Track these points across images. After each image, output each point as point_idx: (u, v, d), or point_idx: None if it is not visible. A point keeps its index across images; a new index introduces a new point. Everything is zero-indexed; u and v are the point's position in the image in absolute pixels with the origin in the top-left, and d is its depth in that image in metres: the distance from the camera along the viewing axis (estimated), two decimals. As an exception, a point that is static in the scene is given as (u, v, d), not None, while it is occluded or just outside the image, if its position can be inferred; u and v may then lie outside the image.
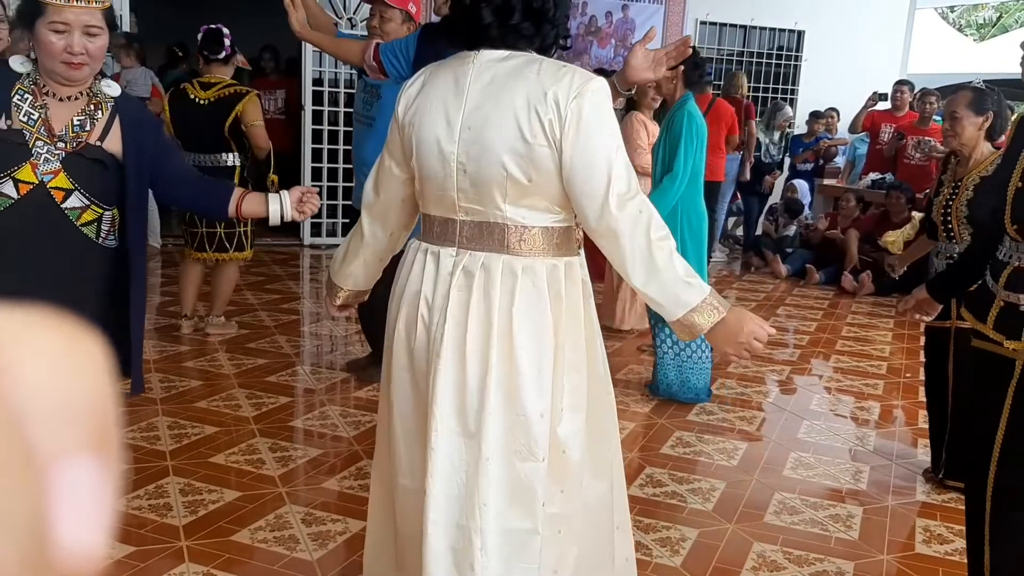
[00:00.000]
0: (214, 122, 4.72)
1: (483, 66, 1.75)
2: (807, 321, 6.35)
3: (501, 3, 1.71)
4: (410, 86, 1.85)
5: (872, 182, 8.06)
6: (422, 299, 1.83)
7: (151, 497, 3.01)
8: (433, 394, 1.77)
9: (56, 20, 2.04)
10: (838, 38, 10.02)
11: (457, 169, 1.74)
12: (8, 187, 2.11)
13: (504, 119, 1.69)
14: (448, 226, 1.81)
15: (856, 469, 3.65)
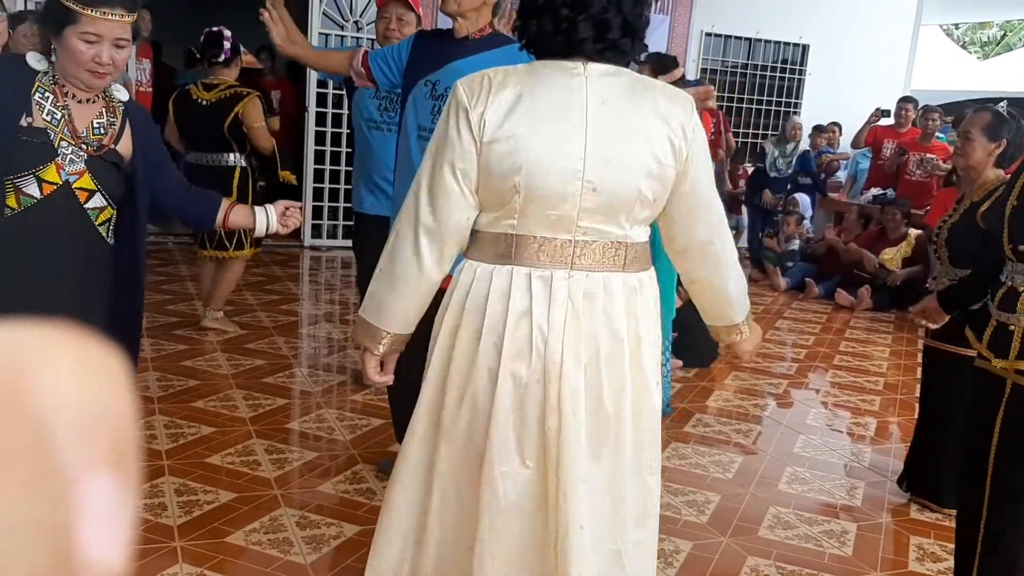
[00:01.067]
0: (215, 122, 4.83)
1: (594, 81, 1.69)
2: (805, 335, 6.36)
3: (600, 18, 1.66)
4: (494, 97, 1.67)
5: (873, 197, 8.08)
6: (535, 328, 1.71)
7: (146, 496, 3.01)
8: (563, 423, 1.71)
9: (89, 31, 2.07)
10: (842, 53, 10.04)
11: (584, 188, 1.66)
12: (32, 187, 2.12)
13: (637, 140, 1.69)
14: (558, 247, 1.71)
15: (851, 485, 3.65)
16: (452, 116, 1.70)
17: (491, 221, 1.74)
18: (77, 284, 2.23)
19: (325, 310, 6.36)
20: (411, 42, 2.98)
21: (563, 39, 1.67)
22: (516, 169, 1.65)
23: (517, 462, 1.75)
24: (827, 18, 9.94)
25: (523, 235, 1.72)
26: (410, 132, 2.85)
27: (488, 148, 1.66)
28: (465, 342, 1.76)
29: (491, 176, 1.68)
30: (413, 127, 2.84)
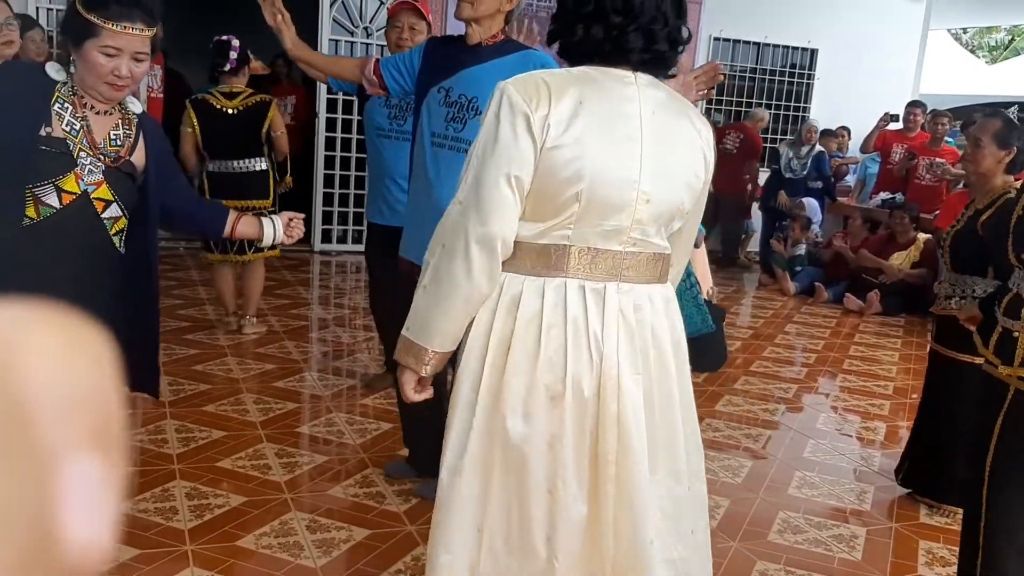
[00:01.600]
0: (248, 129, 4.96)
1: (645, 90, 1.68)
2: (815, 340, 6.35)
3: (648, 28, 1.65)
4: (556, 101, 1.61)
5: (883, 202, 8.07)
6: (591, 341, 1.67)
7: (157, 500, 3.03)
8: (626, 439, 1.69)
9: (109, 44, 2.09)
10: (851, 57, 10.04)
11: (639, 198, 1.65)
12: (52, 197, 2.14)
13: (682, 152, 1.71)
14: (610, 258, 1.69)
15: (860, 489, 3.65)
16: (504, 119, 1.61)
17: (541, 231, 1.67)
18: (92, 293, 2.25)
19: (335, 314, 6.38)
20: (422, 49, 2.98)
21: (612, 47, 1.65)
22: (580, 177, 1.61)
23: (576, 482, 1.71)
24: (835, 22, 9.94)
25: (577, 246, 1.67)
26: (424, 139, 2.86)
27: (549, 154, 1.60)
28: (520, 360, 1.68)
29: (550, 184, 1.62)
30: (427, 134, 2.85)
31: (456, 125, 2.82)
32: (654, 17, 1.64)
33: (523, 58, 2.86)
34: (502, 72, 2.85)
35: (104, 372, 0.28)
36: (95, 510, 0.26)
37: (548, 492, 1.71)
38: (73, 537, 0.26)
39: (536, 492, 1.71)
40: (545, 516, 1.72)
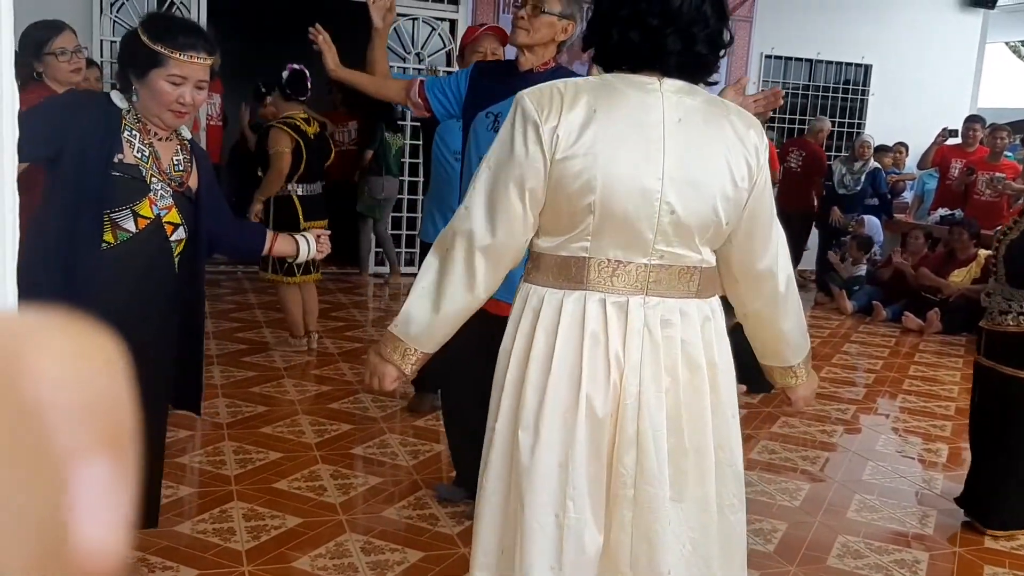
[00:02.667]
0: (322, 155, 5.24)
1: (670, 97, 1.62)
2: (873, 359, 6.23)
3: (688, 31, 1.59)
4: (567, 111, 1.57)
5: (941, 218, 7.91)
6: (612, 359, 1.62)
7: (215, 521, 3.07)
8: (643, 462, 1.64)
9: (176, 73, 2.17)
10: (906, 72, 9.89)
11: (661, 209, 1.59)
12: (128, 222, 2.22)
13: (716, 160, 1.63)
14: (634, 271, 1.63)
15: (923, 513, 3.56)
16: (517, 130, 1.59)
17: (560, 243, 1.64)
18: (156, 313, 2.34)
19: (388, 337, 6.42)
20: (469, 73, 3.01)
21: (649, 51, 1.60)
22: (591, 188, 1.57)
23: (589, 508, 1.66)
24: (890, 38, 9.81)
25: (597, 258, 1.63)
26: (473, 164, 2.88)
27: (560, 165, 1.57)
28: (535, 375, 1.65)
29: (562, 195, 1.59)
30: (475, 159, 2.87)
31: None
32: (694, 19, 1.59)
33: None
34: None
35: (116, 377, 0.28)
36: (107, 514, 0.26)
37: (554, 516, 1.65)
38: (86, 541, 0.26)
39: (540, 515, 1.65)
40: (551, 544, 1.64)
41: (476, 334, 3.02)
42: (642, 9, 1.58)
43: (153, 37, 2.16)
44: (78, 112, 2.18)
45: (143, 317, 2.31)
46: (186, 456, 3.65)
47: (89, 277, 2.19)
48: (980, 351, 3.38)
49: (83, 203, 2.16)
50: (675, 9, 1.57)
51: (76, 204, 2.16)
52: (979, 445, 3.41)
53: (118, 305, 2.24)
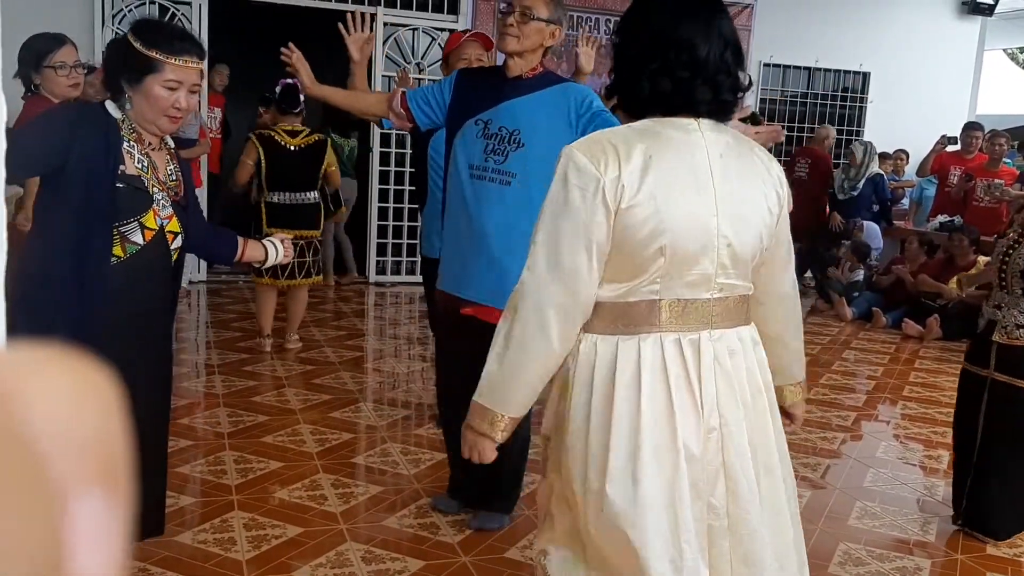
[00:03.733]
0: (309, 165, 5.40)
1: (709, 136, 1.68)
2: (873, 366, 6.24)
3: (714, 79, 1.66)
4: (625, 161, 1.60)
5: (940, 224, 7.92)
6: (693, 395, 1.65)
7: (216, 531, 3.07)
8: (736, 488, 1.68)
9: (172, 78, 2.19)
10: (904, 80, 9.92)
11: (719, 244, 1.65)
12: (136, 234, 2.23)
13: (754, 192, 1.71)
14: (700, 307, 1.68)
15: (924, 520, 3.56)
16: (573, 184, 1.60)
17: (629, 289, 1.66)
18: (159, 322, 2.36)
19: (390, 345, 6.44)
20: (452, 81, 2.99)
21: (680, 100, 1.66)
22: (661, 232, 1.60)
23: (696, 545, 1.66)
24: (888, 45, 9.84)
25: (668, 299, 1.66)
26: (461, 171, 2.88)
27: (626, 214, 1.59)
28: (623, 423, 1.64)
29: (631, 243, 1.61)
30: (464, 166, 2.87)
31: (497, 157, 2.83)
32: (719, 68, 1.65)
33: (563, 90, 2.88)
34: (544, 104, 2.88)
35: (111, 412, 0.28)
36: (103, 548, 0.27)
37: (670, 562, 1.63)
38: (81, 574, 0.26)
39: (657, 564, 1.62)
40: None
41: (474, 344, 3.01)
42: (671, 60, 1.63)
43: (147, 43, 2.16)
44: (79, 124, 2.17)
45: (148, 327, 2.33)
46: (187, 466, 3.65)
47: (99, 292, 2.19)
48: (990, 364, 3.31)
49: (92, 218, 2.16)
50: (702, 60, 1.63)
51: (84, 219, 2.15)
52: (988, 458, 3.34)
53: (126, 318, 2.26)
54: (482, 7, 8.32)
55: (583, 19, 8.72)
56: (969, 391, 3.43)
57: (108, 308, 2.21)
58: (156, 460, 2.48)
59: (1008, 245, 3.31)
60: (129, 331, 2.27)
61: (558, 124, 2.87)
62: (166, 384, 2.44)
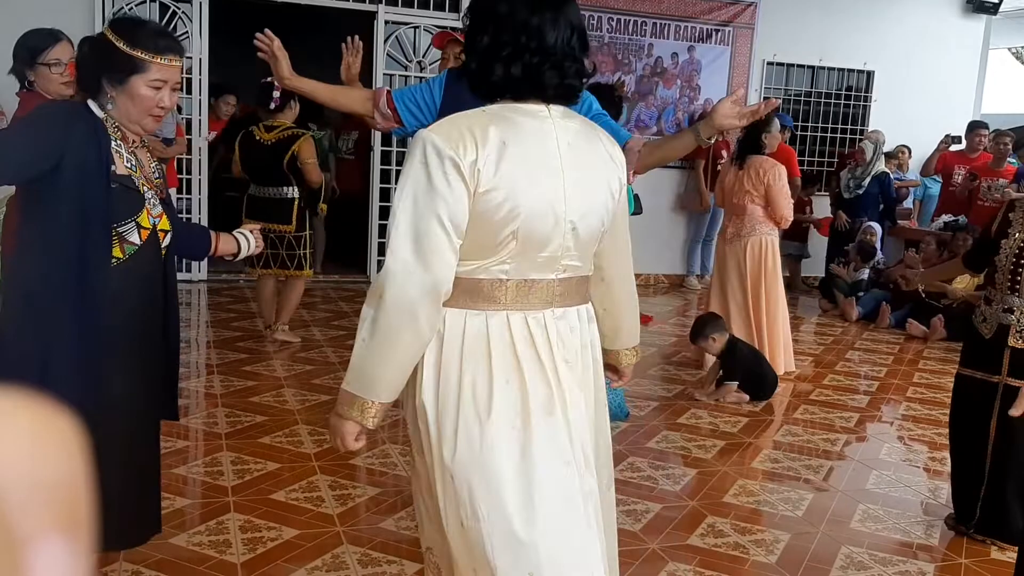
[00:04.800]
0: (276, 159, 5.51)
1: (559, 123, 1.76)
2: (877, 367, 6.20)
3: (561, 65, 1.73)
4: (482, 145, 1.65)
5: (945, 224, 7.88)
6: (546, 368, 1.73)
7: (212, 533, 3.04)
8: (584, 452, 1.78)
9: (157, 78, 2.16)
10: (909, 79, 9.87)
11: (566, 228, 1.73)
12: (133, 235, 2.20)
13: (598, 179, 1.80)
14: (545, 287, 1.76)
15: (928, 523, 3.52)
16: (434, 166, 1.64)
17: (478, 267, 1.72)
18: (154, 323, 2.34)
19: (389, 345, 6.40)
20: (442, 81, 2.93)
21: (529, 85, 1.73)
22: (515, 217, 1.67)
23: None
24: (892, 44, 9.78)
25: (516, 279, 1.73)
26: None
27: (483, 197, 1.65)
28: (480, 396, 1.70)
29: (487, 225, 1.67)
30: None
31: None
32: (566, 54, 1.74)
33: None
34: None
35: (73, 458, 0.28)
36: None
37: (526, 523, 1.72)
38: None
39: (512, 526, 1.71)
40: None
41: None
42: (521, 46, 1.71)
43: (131, 43, 2.13)
44: (72, 124, 2.13)
45: (145, 329, 2.31)
46: (183, 467, 3.63)
47: (102, 295, 2.16)
48: (1002, 370, 3.23)
49: (90, 220, 2.13)
50: (550, 46, 1.71)
51: (82, 223, 2.11)
52: (1004, 465, 3.28)
53: (126, 320, 2.23)
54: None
55: (584, 17, 8.64)
56: (971, 397, 3.35)
57: (111, 310, 2.19)
58: (151, 459, 2.46)
59: (1019, 246, 3.23)
60: (130, 331, 2.25)
61: None
62: (158, 383, 2.40)
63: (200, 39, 7.58)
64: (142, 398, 2.36)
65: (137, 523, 2.40)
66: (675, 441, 4.33)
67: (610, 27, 8.79)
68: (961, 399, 3.44)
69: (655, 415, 4.75)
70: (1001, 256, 3.25)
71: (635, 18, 8.87)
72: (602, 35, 8.78)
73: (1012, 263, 3.21)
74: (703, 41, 9.14)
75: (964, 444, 3.41)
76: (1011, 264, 3.22)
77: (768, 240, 5.58)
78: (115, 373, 2.22)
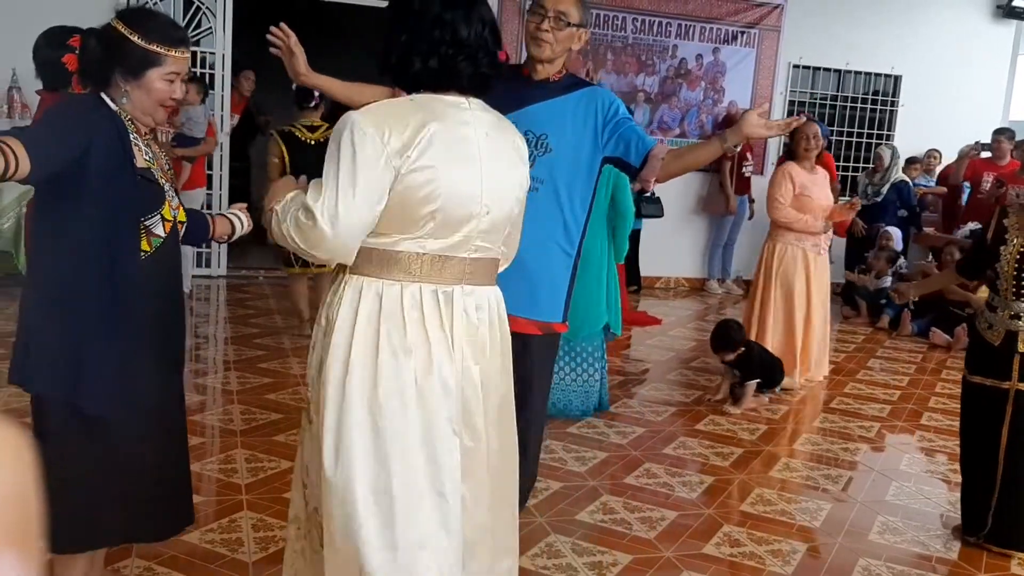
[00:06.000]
0: (322, 160, 5.33)
1: (478, 115, 1.93)
2: (898, 375, 6.12)
3: (475, 56, 1.89)
4: (409, 131, 1.80)
5: (970, 232, 7.78)
6: (451, 340, 1.89)
7: (224, 531, 3.04)
8: (471, 417, 1.93)
9: (172, 70, 2.16)
10: (936, 83, 9.76)
11: (481, 212, 1.90)
12: (159, 227, 2.21)
13: (511, 168, 1.97)
14: (456, 264, 1.91)
15: (947, 536, 3.47)
16: (361, 147, 1.78)
17: (397, 241, 1.86)
18: (180, 310, 2.35)
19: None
20: None
21: (447, 76, 1.89)
22: (434, 198, 1.82)
23: None
24: (920, 48, 9.68)
25: (431, 255, 1.88)
26: None
27: (406, 178, 1.79)
28: (387, 362, 1.84)
29: (408, 203, 1.82)
30: None
31: None
32: (479, 47, 1.90)
33: (590, 95, 2.86)
34: (570, 108, 2.83)
35: (26, 473, 0.28)
36: None
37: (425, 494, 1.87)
38: None
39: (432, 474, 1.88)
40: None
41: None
42: (436, 40, 1.87)
43: (146, 37, 2.11)
44: (94, 117, 2.12)
45: (172, 319, 2.32)
46: (198, 463, 3.62)
47: (131, 290, 2.16)
48: (1011, 376, 3.19)
49: (117, 215, 2.12)
50: (464, 39, 1.87)
51: (111, 216, 2.11)
52: (1016, 471, 3.23)
53: (155, 312, 2.24)
54: (507, 4, 8.26)
55: (609, 17, 8.63)
56: (981, 405, 3.32)
57: (142, 304, 2.19)
58: (184, 450, 2.47)
59: (1020, 252, 3.19)
60: (159, 323, 2.26)
61: (585, 129, 2.83)
62: (180, 373, 2.43)
63: (224, 34, 7.60)
64: (172, 388, 2.37)
65: (174, 514, 2.41)
66: (692, 448, 4.29)
67: (634, 28, 8.75)
68: (970, 407, 3.40)
69: (672, 420, 4.71)
70: (1002, 263, 3.24)
71: (660, 19, 8.82)
72: (626, 36, 8.74)
73: (1015, 269, 3.20)
74: (728, 43, 9.08)
75: (974, 453, 3.36)
76: (1013, 270, 3.21)
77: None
78: (148, 366, 2.23)
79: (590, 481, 3.74)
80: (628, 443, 4.27)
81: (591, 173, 2.90)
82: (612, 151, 2.87)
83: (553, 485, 3.66)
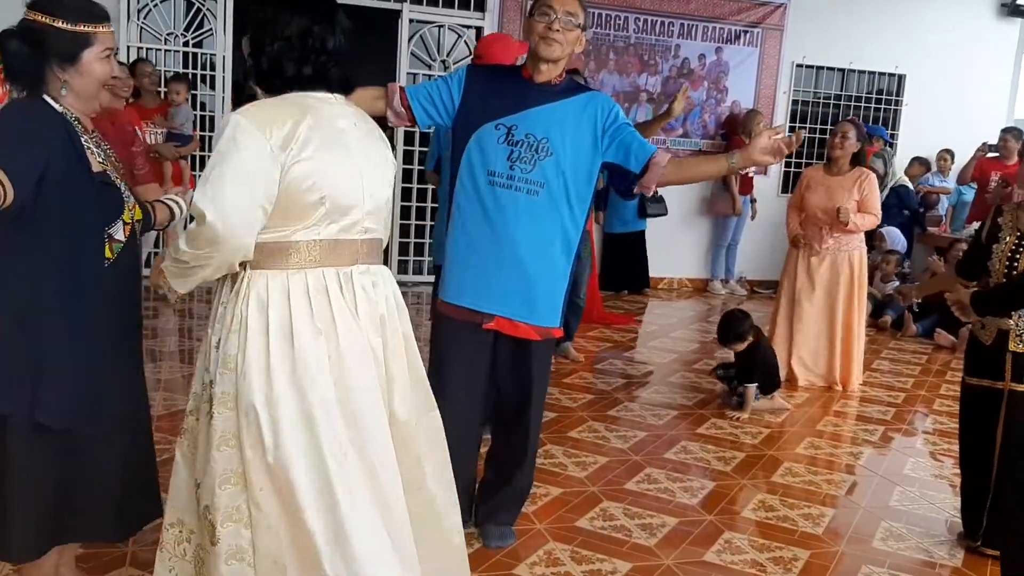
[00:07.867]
0: None
1: (347, 109, 2.09)
2: (903, 377, 6.08)
3: (341, 62, 2.06)
4: (289, 128, 1.91)
5: (976, 231, 7.73)
6: (359, 315, 2.03)
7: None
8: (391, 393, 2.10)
9: (106, 47, 2.11)
10: (941, 82, 9.70)
11: (366, 196, 2.05)
12: (119, 232, 2.16)
13: (381, 156, 2.14)
14: (348, 246, 2.04)
15: (952, 543, 3.42)
16: (245, 145, 1.87)
17: (292, 232, 1.97)
18: (139, 310, 2.31)
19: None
20: (462, 78, 2.86)
21: (320, 79, 2.04)
22: (321, 186, 1.95)
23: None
24: (924, 47, 9.62)
25: (326, 240, 2.00)
26: (477, 177, 2.77)
27: (291, 171, 1.91)
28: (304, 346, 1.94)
29: (296, 195, 1.93)
30: (481, 172, 2.76)
31: (524, 166, 2.75)
32: (343, 53, 2.07)
33: (590, 99, 2.84)
34: (571, 112, 2.79)
35: None
36: None
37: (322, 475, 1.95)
38: None
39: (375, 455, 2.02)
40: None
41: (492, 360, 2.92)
42: (308, 48, 2.01)
43: (70, 19, 2.05)
44: (43, 126, 2.04)
45: (133, 320, 2.29)
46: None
47: (95, 299, 2.11)
48: (1005, 375, 3.14)
49: (80, 225, 2.07)
50: (332, 48, 2.04)
51: (72, 227, 2.06)
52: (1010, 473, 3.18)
53: (118, 316, 2.20)
54: (509, 4, 8.22)
55: (611, 17, 8.59)
56: (978, 406, 3.27)
57: (107, 312, 2.16)
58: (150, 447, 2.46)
59: (1011, 249, 3.15)
60: (122, 328, 2.24)
61: (584, 133, 2.80)
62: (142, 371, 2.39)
63: (224, 36, 7.58)
64: (136, 388, 2.35)
65: (140, 511, 2.40)
66: (694, 452, 4.25)
67: (637, 27, 8.70)
68: (968, 409, 3.36)
69: (674, 424, 4.67)
70: (994, 260, 3.19)
71: (662, 18, 8.77)
72: (628, 35, 8.69)
73: (1006, 267, 3.15)
74: (731, 42, 9.03)
75: (973, 455, 3.32)
76: (1004, 268, 3.16)
77: (859, 253, 5.54)
78: (113, 372, 2.20)
79: (590, 487, 3.70)
80: (629, 448, 4.23)
81: (590, 178, 2.86)
82: (612, 157, 2.83)
83: (552, 491, 3.62)
